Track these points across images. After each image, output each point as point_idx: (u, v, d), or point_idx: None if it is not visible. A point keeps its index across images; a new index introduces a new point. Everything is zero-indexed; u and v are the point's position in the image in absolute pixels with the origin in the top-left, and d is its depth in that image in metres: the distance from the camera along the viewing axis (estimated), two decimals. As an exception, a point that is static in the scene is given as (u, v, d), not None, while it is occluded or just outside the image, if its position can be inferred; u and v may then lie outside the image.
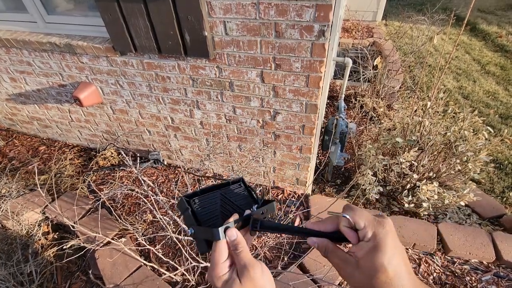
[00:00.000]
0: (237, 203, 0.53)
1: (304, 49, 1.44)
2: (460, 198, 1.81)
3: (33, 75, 2.36)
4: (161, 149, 2.55)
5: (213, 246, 0.45)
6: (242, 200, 0.54)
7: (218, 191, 0.53)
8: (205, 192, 0.52)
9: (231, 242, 0.44)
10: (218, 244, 0.44)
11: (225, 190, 0.54)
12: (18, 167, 2.74)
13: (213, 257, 0.44)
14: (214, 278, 0.44)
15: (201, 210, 0.49)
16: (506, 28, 5.10)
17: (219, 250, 0.44)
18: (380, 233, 0.39)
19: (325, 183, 2.50)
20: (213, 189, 0.53)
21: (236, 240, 0.44)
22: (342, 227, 0.43)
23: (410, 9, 6.03)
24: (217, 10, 1.43)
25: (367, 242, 0.40)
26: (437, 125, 1.90)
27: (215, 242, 0.45)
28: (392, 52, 3.82)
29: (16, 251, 1.89)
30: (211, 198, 0.52)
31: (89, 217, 2.14)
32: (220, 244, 0.44)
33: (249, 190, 0.56)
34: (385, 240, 0.38)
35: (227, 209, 0.51)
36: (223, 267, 0.44)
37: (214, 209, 0.51)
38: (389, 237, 0.39)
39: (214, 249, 0.44)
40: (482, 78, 3.95)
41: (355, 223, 0.41)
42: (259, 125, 1.92)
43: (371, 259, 0.38)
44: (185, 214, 0.49)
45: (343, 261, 0.43)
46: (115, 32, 1.71)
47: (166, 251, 1.96)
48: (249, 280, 0.42)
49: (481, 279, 1.71)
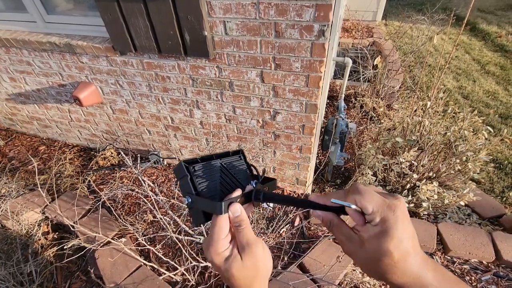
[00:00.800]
0: (236, 176, 0.51)
1: (304, 49, 1.44)
2: (460, 198, 1.81)
3: (32, 75, 2.36)
4: (161, 148, 2.55)
5: (213, 220, 0.43)
6: (241, 174, 0.52)
7: (218, 162, 0.50)
8: (204, 160, 0.49)
9: (234, 218, 0.43)
10: (220, 219, 0.42)
11: (225, 161, 0.51)
12: (18, 167, 2.74)
13: (213, 233, 0.42)
14: (212, 254, 0.42)
15: (200, 180, 0.46)
16: (506, 28, 5.10)
17: (220, 225, 0.42)
18: (390, 218, 0.37)
19: (325, 183, 2.50)
20: (212, 159, 0.50)
21: (240, 216, 0.43)
22: (348, 209, 0.40)
23: (410, 9, 6.03)
24: (217, 10, 1.43)
25: (374, 226, 0.38)
26: (437, 125, 1.90)
27: (216, 216, 0.42)
28: (392, 52, 3.82)
29: (16, 251, 1.89)
30: (211, 168, 0.49)
31: (89, 217, 2.14)
32: (221, 219, 0.42)
33: (248, 165, 0.54)
34: (395, 226, 0.36)
35: (226, 182, 0.49)
36: (223, 243, 0.42)
37: (213, 179, 0.48)
38: (399, 222, 0.37)
39: (215, 224, 0.42)
40: (482, 78, 3.95)
41: (363, 208, 0.38)
42: (259, 125, 1.92)
43: (377, 243, 0.37)
44: (183, 180, 0.45)
45: (347, 237, 0.41)
46: (115, 32, 1.71)
47: (166, 251, 1.96)
48: (251, 257, 0.41)
49: (480, 278, 1.71)
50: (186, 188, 0.45)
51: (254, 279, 0.43)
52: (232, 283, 0.43)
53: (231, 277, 0.42)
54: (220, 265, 0.42)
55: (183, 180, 0.45)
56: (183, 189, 0.46)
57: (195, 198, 0.44)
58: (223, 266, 0.42)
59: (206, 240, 0.44)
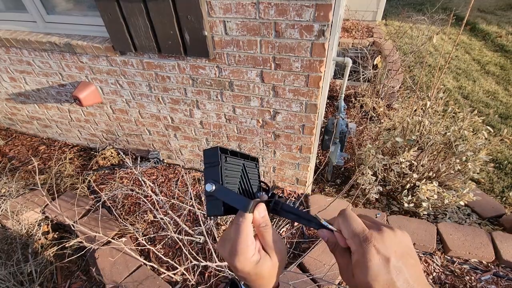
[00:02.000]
0: (251, 181, 0.51)
1: (304, 48, 1.44)
2: (460, 197, 1.81)
3: (32, 75, 2.36)
4: (161, 148, 2.55)
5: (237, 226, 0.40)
6: (254, 181, 0.52)
7: (242, 161, 0.50)
8: (233, 155, 0.48)
9: (260, 218, 0.42)
10: (245, 226, 0.40)
11: (247, 163, 0.51)
12: (18, 167, 2.74)
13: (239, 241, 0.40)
14: (243, 263, 0.39)
15: (226, 172, 0.45)
16: (506, 28, 5.10)
17: (247, 232, 0.40)
18: (363, 249, 0.36)
19: (325, 182, 2.50)
20: (237, 156, 0.49)
21: (266, 216, 0.43)
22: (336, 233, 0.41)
23: (410, 9, 6.03)
24: (217, 10, 1.43)
25: (353, 254, 0.37)
26: (437, 125, 1.90)
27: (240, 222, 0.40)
28: (392, 52, 3.82)
29: (16, 251, 1.89)
30: (236, 164, 0.48)
31: (89, 216, 2.14)
32: (247, 226, 0.40)
33: (259, 175, 0.55)
34: (367, 258, 0.35)
35: (244, 183, 0.49)
36: (251, 248, 0.40)
37: (234, 176, 0.47)
38: (371, 254, 0.35)
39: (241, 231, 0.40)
40: (482, 78, 3.95)
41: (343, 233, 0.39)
42: (259, 125, 1.92)
43: (358, 273, 0.36)
44: (213, 167, 0.43)
45: (346, 263, 0.40)
46: (115, 32, 1.71)
47: (166, 251, 1.96)
48: (278, 254, 0.42)
49: (480, 278, 1.72)
50: (213, 175, 0.43)
51: (280, 270, 0.45)
52: (261, 283, 0.43)
53: (260, 279, 0.42)
54: (250, 271, 0.41)
55: (213, 167, 0.44)
56: (209, 175, 0.44)
57: (221, 187, 0.42)
58: (254, 271, 0.41)
59: (228, 248, 0.41)
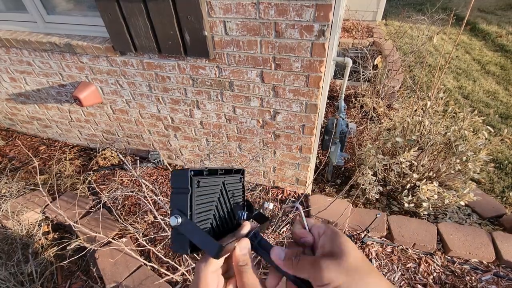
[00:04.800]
0: (232, 200, 0.48)
1: (304, 49, 1.44)
2: (460, 198, 1.81)
3: (33, 75, 2.36)
4: (161, 149, 2.55)
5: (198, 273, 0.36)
6: (237, 197, 0.50)
7: (221, 179, 0.46)
8: (210, 174, 0.44)
9: (241, 255, 0.38)
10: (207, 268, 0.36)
11: (227, 179, 0.48)
12: (18, 167, 2.74)
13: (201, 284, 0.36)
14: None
15: (198, 198, 0.40)
16: (506, 28, 5.10)
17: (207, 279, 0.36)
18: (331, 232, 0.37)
19: (325, 183, 2.50)
20: (217, 174, 0.46)
21: (247, 254, 0.38)
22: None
23: (410, 9, 6.03)
24: (217, 10, 1.43)
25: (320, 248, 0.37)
26: (437, 125, 1.90)
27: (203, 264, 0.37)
28: (392, 52, 3.82)
29: (16, 251, 1.89)
30: (213, 185, 0.44)
31: (90, 217, 2.14)
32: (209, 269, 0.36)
33: (243, 190, 0.51)
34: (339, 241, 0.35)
35: (222, 205, 0.46)
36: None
37: (210, 200, 0.43)
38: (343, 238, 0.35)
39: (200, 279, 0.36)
40: (482, 78, 3.95)
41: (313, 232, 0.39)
42: (259, 125, 1.92)
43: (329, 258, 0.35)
44: (181, 195, 0.38)
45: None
46: (115, 32, 1.71)
47: (167, 251, 1.96)
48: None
49: (481, 278, 1.71)
50: (180, 204, 0.38)
51: None
52: None
53: None
54: None
55: (181, 194, 0.39)
56: (176, 203, 0.39)
57: (187, 222, 0.37)
58: None
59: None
